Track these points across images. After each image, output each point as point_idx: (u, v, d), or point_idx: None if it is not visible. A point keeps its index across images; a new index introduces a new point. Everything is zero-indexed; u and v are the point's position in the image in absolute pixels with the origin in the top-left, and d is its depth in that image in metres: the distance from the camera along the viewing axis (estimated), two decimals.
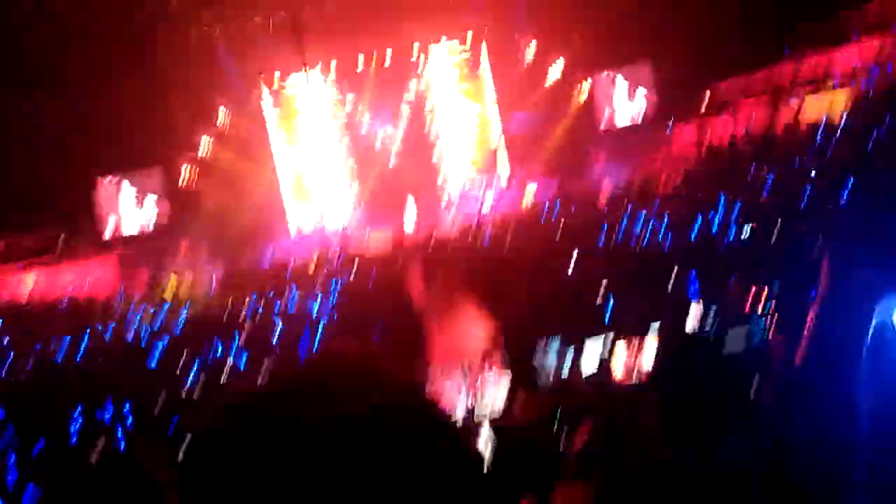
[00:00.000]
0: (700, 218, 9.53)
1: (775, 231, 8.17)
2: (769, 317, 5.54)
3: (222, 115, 21.77)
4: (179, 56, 20.84)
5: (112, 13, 17.86)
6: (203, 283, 17.76)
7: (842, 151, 11.42)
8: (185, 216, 20.87)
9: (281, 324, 8.90)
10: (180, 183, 20.56)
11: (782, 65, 20.33)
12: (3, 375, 9.36)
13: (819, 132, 13.86)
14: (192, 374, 7.31)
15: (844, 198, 8.51)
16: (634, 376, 4.75)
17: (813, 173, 10.73)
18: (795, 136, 15.13)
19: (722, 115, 19.88)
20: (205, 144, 21.06)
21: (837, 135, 12.96)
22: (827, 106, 16.32)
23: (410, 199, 21.94)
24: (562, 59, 21.93)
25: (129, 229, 20.61)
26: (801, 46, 20.25)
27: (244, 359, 7.46)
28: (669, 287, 7.26)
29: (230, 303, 11.53)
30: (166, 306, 13.89)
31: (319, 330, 8.34)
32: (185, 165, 20.27)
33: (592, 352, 5.40)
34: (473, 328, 8.94)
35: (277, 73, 23.50)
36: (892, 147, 10.27)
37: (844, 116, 14.56)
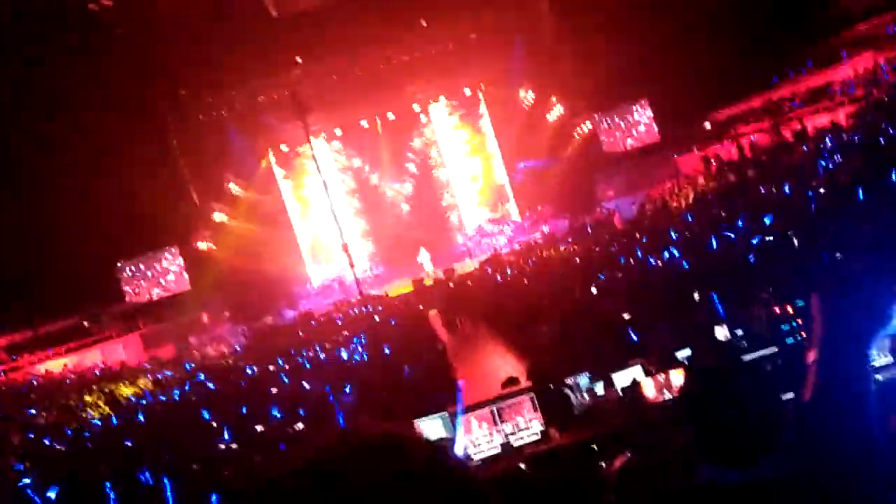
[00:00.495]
0: (715, 240, 9.56)
1: (790, 247, 8.19)
2: (797, 332, 5.52)
3: (235, 188, 22.33)
4: (191, 139, 21.60)
5: (124, 106, 18.53)
6: (229, 349, 17.91)
7: (847, 165, 11.48)
8: (205, 288, 21.22)
9: (308, 379, 8.92)
10: (199, 257, 20.93)
11: (779, 88, 20.65)
12: (46, 450, 9.43)
13: (822, 149, 13.95)
14: (225, 438, 7.34)
15: (854, 211, 8.55)
16: (665, 401, 4.75)
17: (820, 189, 10.78)
18: (799, 154, 15.22)
19: (724, 140, 20.08)
20: (220, 218, 21.55)
21: (841, 150, 13.04)
22: (827, 123, 16.47)
23: (423, 250, 22.21)
24: (560, 105, 22.34)
25: (153, 307, 20.91)
26: (795, 69, 20.61)
27: (277, 419, 7.48)
28: (693, 310, 7.26)
29: (257, 364, 11.59)
30: (189, 369, 13.98)
31: (347, 387, 8.37)
32: (202, 242, 20.71)
33: (622, 381, 5.40)
34: (502, 363, 8.96)
35: (285, 147, 24.28)
36: (894, 156, 10.33)
37: (845, 132, 14.68)
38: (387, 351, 9.24)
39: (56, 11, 15.88)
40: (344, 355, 10.30)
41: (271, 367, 10.87)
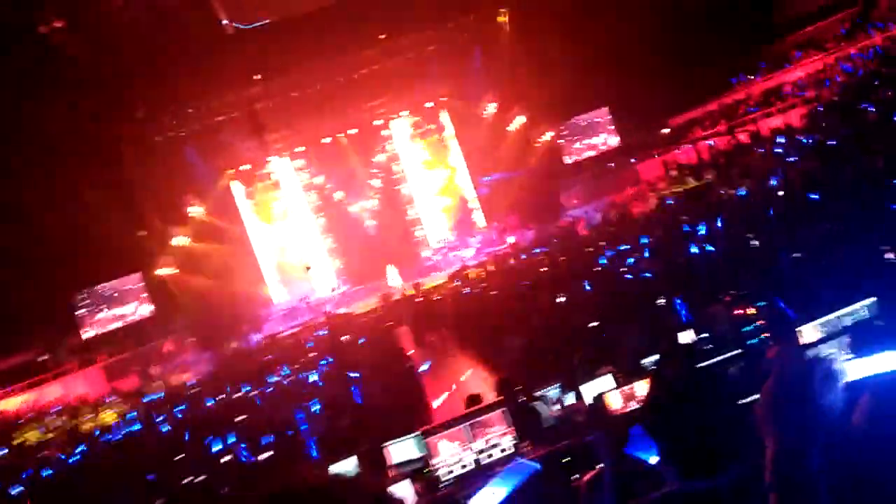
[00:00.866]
0: (677, 245, 9.67)
1: (751, 247, 8.32)
2: (760, 333, 5.58)
3: (196, 211, 21.95)
4: (148, 162, 21.16)
5: (78, 130, 18.11)
6: (194, 376, 17.53)
7: (801, 165, 11.75)
8: (168, 315, 20.79)
9: (275, 405, 8.74)
10: (161, 283, 20.49)
11: (734, 91, 21.17)
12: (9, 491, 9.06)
13: (778, 149, 14.27)
14: (191, 468, 7.14)
15: (809, 211, 8.73)
16: (631, 412, 4.73)
17: (777, 191, 11.00)
18: (756, 156, 15.55)
19: (683, 145, 20.45)
20: (182, 242, 21.14)
21: (795, 150, 13.35)
22: (781, 125, 16.88)
23: (392, 266, 22.10)
24: (522, 116, 22.51)
25: (113, 337, 20.40)
26: (749, 72, 21.16)
27: (244, 448, 7.29)
28: (658, 316, 7.31)
29: (224, 389, 11.33)
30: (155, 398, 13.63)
31: (316, 405, 8.23)
32: (163, 267, 20.28)
33: (590, 391, 5.39)
34: (472, 378, 8.91)
35: (246, 166, 23.98)
36: (849, 155, 10.60)
37: (799, 132, 15.05)
38: (355, 373, 9.12)
39: (4, 34, 15.47)
40: (311, 378, 10.13)
41: (237, 395, 10.65)
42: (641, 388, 4.74)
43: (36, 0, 15.52)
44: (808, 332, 4.72)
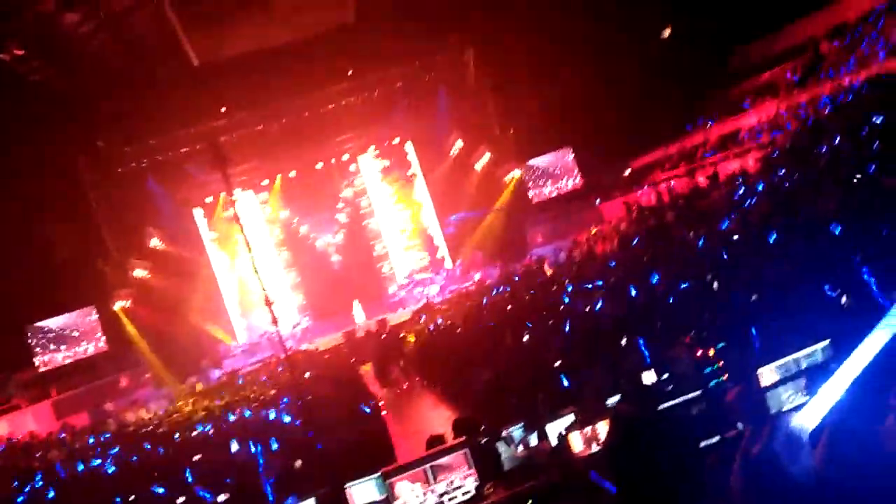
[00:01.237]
0: (638, 285, 9.81)
1: (711, 289, 8.48)
2: (720, 375, 5.66)
3: (157, 243, 21.54)
4: (110, 193, 20.81)
5: (38, 159, 17.77)
6: (150, 413, 16.99)
7: (757, 208, 12.10)
8: (124, 349, 20.22)
9: (233, 444, 8.50)
10: (117, 316, 19.96)
11: (692, 136, 21.84)
12: None
13: (735, 192, 14.68)
14: None
15: (765, 253, 8.97)
16: (592, 454, 4.74)
17: (734, 234, 11.29)
18: (713, 199, 15.97)
19: (644, 186, 20.94)
20: (141, 274, 20.70)
21: (753, 192, 13.75)
22: (737, 168, 17.42)
23: (356, 302, 21.95)
24: (488, 153, 22.82)
25: (66, 372, 19.70)
26: (707, 117, 21.90)
27: (200, 489, 7.06)
28: (621, 356, 7.37)
29: (182, 427, 11.00)
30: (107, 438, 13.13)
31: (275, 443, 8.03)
32: (120, 300, 19.77)
33: (553, 431, 5.38)
34: (436, 417, 8.82)
35: (210, 199, 23.72)
36: (804, 196, 10.96)
37: (754, 176, 15.54)
38: (317, 410, 8.96)
39: None
40: (272, 416, 9.92)
41: (194, 433, 10.35)
42: (603, 429, 4.76)
43: None
44: (767, 375, 4.82)
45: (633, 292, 9.50)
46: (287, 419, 9.52)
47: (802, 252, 8.08)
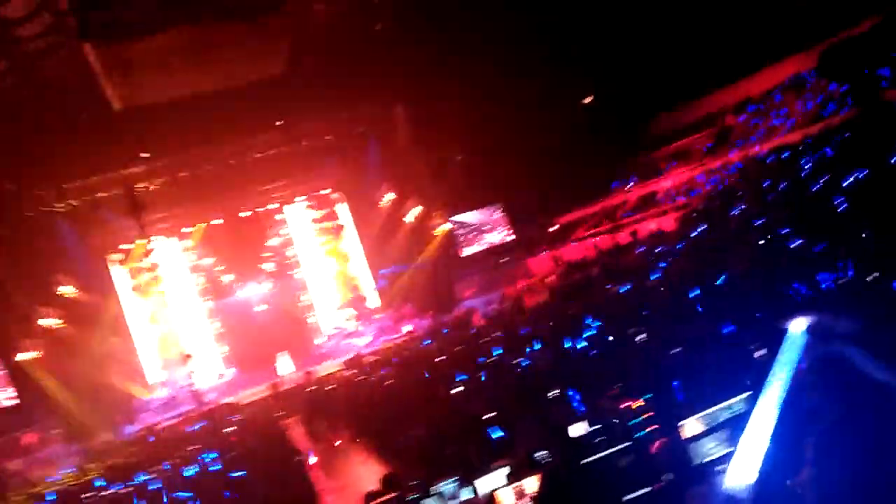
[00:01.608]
0: (567, 336, 10.03)
1: (635, 340, 8.78)
2: (646, 426, 5.82)
3: (68, 290, 20.42)
4: (17, 238, 19.68)
5: None
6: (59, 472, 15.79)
7: (678, 263, 12.72)
8: (32, 404, 18.83)
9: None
10: (23, 369, 18.64)
11: (614, 197, 22.89)
12: None
13: (654, 249, 15.38)
14: None
15: (686, 308, 9.40)
16: None
17: (658, 287, 11.80)
18: (635, 255, 16.66)
19: (570, 242, 21.64)
20: (49, 323, 19.50)
21: (671, 250, 14.46)
22: (655, 228, 18.31)
23: (283, 353, 21.36)
24: (418, 207, 23.07)
25: None
26: (626, 179, 23.06)
27: None
28: (550, 408, 7.47)
29: (91, 486, 10.27)
30: None
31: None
32: (26, 351, 18.51)
33: (485, 486, 5.38)
34: (367, 472, 8.58)
35: (127, 245, 22.79)
36: (716, 255, 11.60)
37: (671, 235, 16.37)
38: (241, 466, 8.58)
39: None
40: (188, 473, 9.42)
41: (105, 493, 9.69)
42: (532, 484, 4.79)
43: None
44: (691, 426, 5.00)
45: (562, 344, 9.70)
46: (209, 473, 9.07)
47: (719, 307, 8.51)
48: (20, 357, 18.44)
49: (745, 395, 4.78)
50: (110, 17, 15.32)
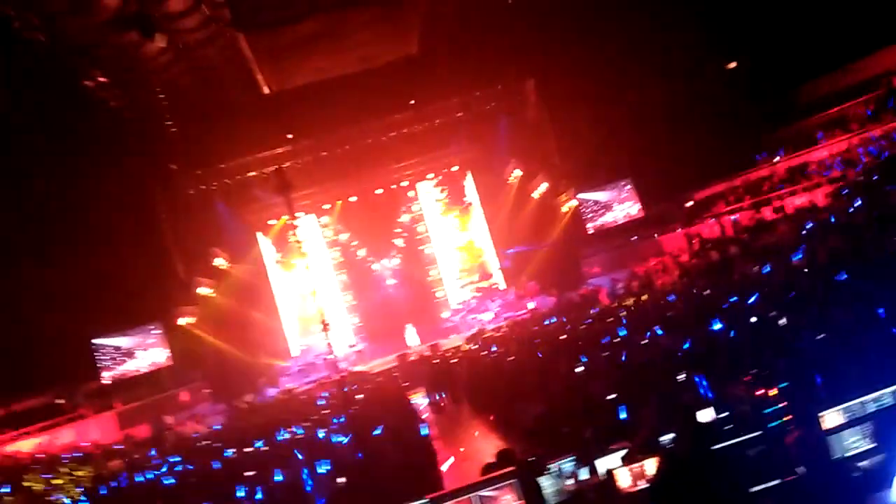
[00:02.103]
0: (699, 320, 9.56)
1: (775, 326, 8.19)
2: (781, 415, 5.45)
3: (221, 263, 22.28)
4: (179, 213, 21.71)
5: (113, 179, 18.66)
6: (207, 428, 17.43)
7: (826, 245, 11.66)
8: (185, 364, 20.83)
9: (286, 463, 8.62)
10: (181, 332, 20.61)
11: (758, 169, 21.28)
12: None
13: (803, 227, 14.20)
14: None
15: (834, 292, 8.62)
16: (639, 491, 4.61)
17: (803, 269, 10.91)
18: (779, 233, 15.48)
19: (706, 219, 20.46)
20: (205, 292, 21.39)
21: (822, 227, 13.28)
22: (806, 203, 16.86)
23: (409, 326, 22.08)
24: (546, 183, 22.79)
25: (129, 385, 20.41)
26: (774, 149, 21.33)
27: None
28: (678, 392, 7.17)
29: (236, 445, 11.23)
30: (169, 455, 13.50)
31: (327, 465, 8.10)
32: (184, 317, 20.44)
33: (603, 466, 5.27)
34: (486, 445, 8.73)
35: (273, 221, 24.40)
36: (874, 235, 10.51)
37: (824, 211, 15.01)
38: (368, 432, 9.01)
39: (49, 84, 16.17)
40: (322, 436, 10.02)
41: (248, 449, 10.55)
42: (651, 466, 4.62)
43: (82, 53, 16.24)
44: (831, 418, 4.61)
45: (693, 327, 9.26)
46: (338, 440, 9.61)
47: (872, 292, 7.74)
48: (179, 322, 20.32)
49: (894, 388, 4.33)
50: (260, 7, 16.33)
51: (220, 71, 19.46)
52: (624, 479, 4.51)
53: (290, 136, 21.78)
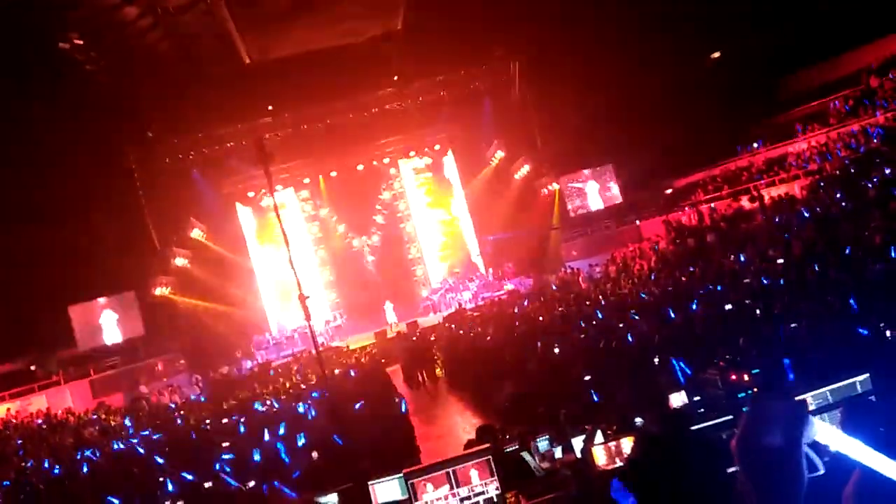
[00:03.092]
0: (674, 306, 9.71)
1: (747, 315, 8.35)
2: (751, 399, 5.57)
3: (198, 234, 22.04)
4: (155, 182, 21.37)
5: (88, 146, 18.30)
6: (182, 398, 17.35)
7: (803, 234, 11.88)
8: (161, 335, 20.66)
9: (261, 435, 8.65)
10: (156, 302, 20.42)
11: (737, 159, 21.50)
12: None
13: (779, 218, 14.43)
14: (169, 491, 7.06)
15: (808, 282, 8.80)
16: (615, 469, 4.71)
17: (777, 259, 11.11)
18: (757, 222, 15.72)
19: (685, 207, 20.66)
20: (181, 263, 21.18)
21: (798, 218, 13.50)
22: (783, 194, 17.10)
23: (388, 303, 22.13)
24: (528, 165, 22.82)
25: (104, 353, 20.21)
26: (753, 141, 21.55)
27: (229, 475, 7.20)
28: (652, 375, 7.30)
29: (211, 416, 11.22)
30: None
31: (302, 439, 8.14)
32: (160, 287, 20.24)
33: (578, 445, 5.37)
34: (462, 422, 8.84)
35: (251, 194, 24.15)
36: (850, 227, 10.73)
37: (800, 203, 15.26)
38: (346, 407, 9.06)
39: (24, 46, 15.74)
40: (300, 409, 10.05)
41: (224, 420, 10.55)
42: (627, 445, 4.72)
43: (58, 15, 15.81)
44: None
45: (669, 312, 9.40)
46: (314, 413, 9.64)
47: (845, 283, 7.92)
48: (155, 292, 20.13)
49: (864, 377, 4.45)
50: None
51: (201, 38, 19.06)
52: (601, 457, 4.60)
53: (270, 107, 21.48)
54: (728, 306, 8.92)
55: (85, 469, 9.51)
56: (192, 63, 19.93)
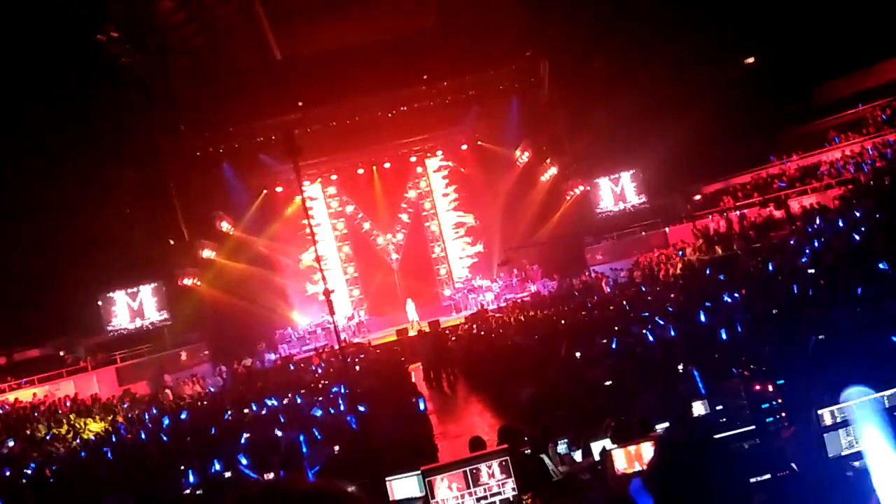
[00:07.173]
0: (701, 313, 9.58)
1: (776, 323, 8.22)
2: (776, 412, 5.48)
3: (226, 226, 22.30)
4: (186, 175, 21.69)
5: (122, 138, 18.61)
6: (205, 389, 17.59)
7: (833, 247, 11.65)
8: (186, 325, 20.96)
9: (282, 427, 8.73)
10: (183, 293, 20.70)
11: (768, 167, 21.16)
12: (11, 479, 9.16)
13: (809, 227, 14.17)
14: (190, 481, 7.15)
15: (838, 294, 8.62)
16: (634, 473, 4.67)
17: (808, 269, 10.91)
18: (786, 232, 15.45)
19: (713, 214, 20.38)
20: (208, 254, 21.44)
21: (828, 229, 13.25)
22: (815, 202, 16.80)
23: (409, 301, 22.19)
24: (554, 167, 22.70)
25: (131, 341, 20.55)
26: (786, 148, 21.19)
27: (247, 464, 7.28)
28: (674, 383, 7.22)
29: (232, 407, 11.35)
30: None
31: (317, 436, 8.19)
32: (187, 278, 20.52)
33: (597, 448, 5.34)
34: (480, 422, 8.82)
35: (279, 188, 24.36)
36: (882, 238, 10.49)
37: (832, 213, 14.96)
38: (364, 404, 9.10)
39: (61, 39, 16.05)
40: (320, 404, 10.11)
41: (246, 411, 10.66)
42: (647, 450, 4.68)
43: (97, 7, 16.10)
44: (826, 416, 4.64)
45: (694, 320, 9.28)
46: (333, 410, 9.70)
47: (875, 296, 7.75)
48: (182, 282, 20.41)
49: (891, 392, 4.35)
50: None
51: (234, 33, 19.32)
52: (620, 461, 4.56)
53: (300, 103, 21.67)
54: (752, 315, 8.78)
55: (109, 455, 9.67)
56: (225, 58, 20.20)
